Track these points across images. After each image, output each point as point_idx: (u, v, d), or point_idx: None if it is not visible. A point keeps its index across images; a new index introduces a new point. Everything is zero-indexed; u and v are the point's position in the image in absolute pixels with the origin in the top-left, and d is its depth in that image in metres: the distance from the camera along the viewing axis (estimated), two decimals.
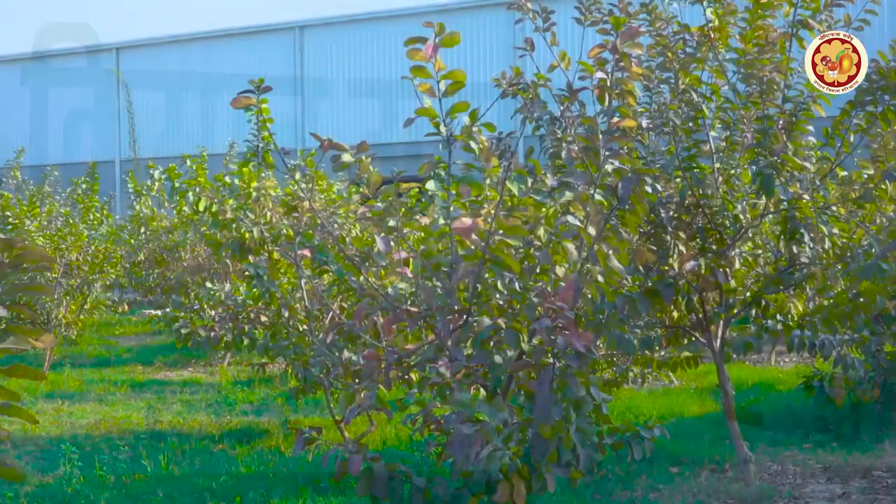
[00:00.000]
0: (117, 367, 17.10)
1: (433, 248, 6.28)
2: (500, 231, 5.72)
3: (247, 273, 10.71)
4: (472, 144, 6.03)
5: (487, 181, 6.16)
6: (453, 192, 6.08)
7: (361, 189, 6.59)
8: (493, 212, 5.80)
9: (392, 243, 6.36)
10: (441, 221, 6.10)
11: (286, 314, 10.24)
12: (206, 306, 12.71)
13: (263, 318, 10.93)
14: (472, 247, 5.81)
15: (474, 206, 6.28)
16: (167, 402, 13.45)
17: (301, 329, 10.02)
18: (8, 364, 3.65)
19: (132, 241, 20.03)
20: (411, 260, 6.39)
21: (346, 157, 6.31)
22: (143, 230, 19.69)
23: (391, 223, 6.35)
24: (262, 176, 12.17)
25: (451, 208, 6.00)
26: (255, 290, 10.75)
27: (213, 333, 11.80)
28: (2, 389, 3.57)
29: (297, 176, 9.68)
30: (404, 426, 8.31)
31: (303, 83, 41.83)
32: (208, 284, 12.98)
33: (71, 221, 18.46)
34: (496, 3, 36.18)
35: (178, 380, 15.68)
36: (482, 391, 6.06)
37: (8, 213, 18.50)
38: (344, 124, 38.97)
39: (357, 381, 7.17)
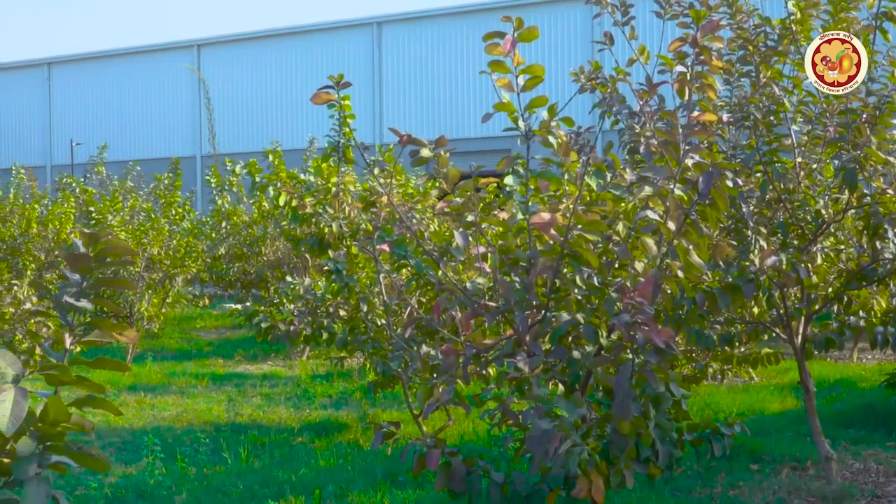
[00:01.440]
0: (198, 361, 17.31)
1: (512, 243, 6.26)
2: (579, 226, 5.69)
3: (326, 268, 10.80)
4: (551, 139, 6.01)
5: (566, 176, 6.13)
6: (532, 187, 6.06)
7: (439, 184, 6.60)
8: (571, 207, 5.77)
9: (470, 238, 6.34)
10: (519, 216, 6.07)
11: (365, 308, 10.30)
12: (285, 300, 12.81)
13: (342, 313, 11.00)
14: (551, 242, 5.79)
15: (553, 201, 6.25)
16: (247, 395, 13.59)
17: (379, 323, 10.07)
18: (92, 357, 3.71)
19: (213, 235, 20.25)
20: (489, 255, 6.38)
21: (425, 152, 6.33)
22: (224, 225, 19.89)
23: (469, 218, 6.35)
24: (342, 171, 12.23)
25: (530, 203, 5.98)
26: (333, 284, 10.82)
27: (292, 327, 11.92)
28: (87, 382, 3.63)
29: (376, 171, 9.72)
30: (482, 421, 8.33)
31: (381, 78, 42.08)
32: (288, 279, 13.09)
33: (153, 216, 18.73)
34: None
35: (257, 373, 15.84)
36: (560, 386, 6.03)
37: (91, 209, 18.84)
38: (421, 119, 39.05)
39: (435, 375, 7.19)
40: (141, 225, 18.33)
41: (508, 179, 6.22)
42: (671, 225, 5.68)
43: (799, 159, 7.78)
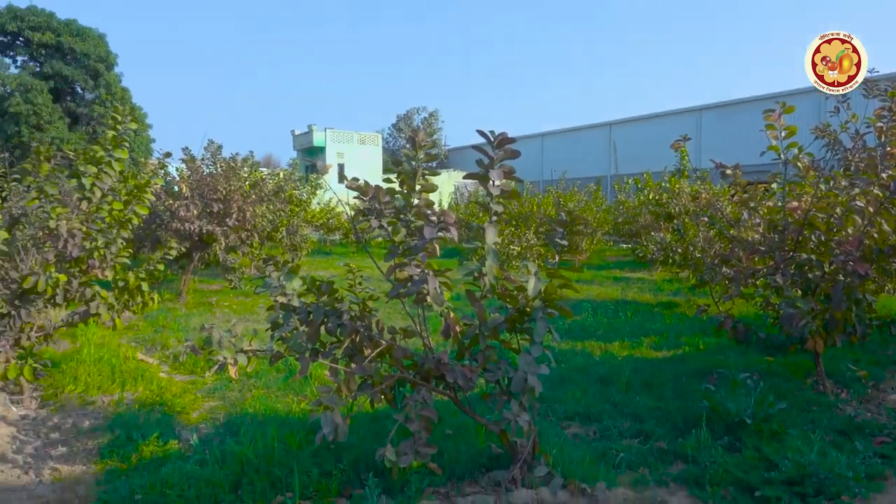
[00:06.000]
0: (606, 270, 17.05)
1: (775, 217, 5.65)
2: (813, 209, 5.05)
3: (672, 228, 10.31)
4: (799, 164, 5.39)
5: (805, 183, 5.45)
6: (786, 188, 5.46)
7: (734, 187, 6.07)
8: (809, 199, 5.12)
9: (751, 214, 5.83)
10: (780, 204, 5.50)
11: (691, 248, 9.73)
12: (650, 243, 12.36)
13: (679, 250, 10.46)
14: (797, 217, 5.17)
15: (798, 195, 5.57)
16: (630, 287, 13.24)
17: (698, 255, 9.48)
18: (564, 266, 3.78)
19: (615, 213, 19.81)
20: (761, 223, 5.81)
21: (728, 172, 5.85)
22: (620, 208, 19.39)
23: (751, 204, 5.82)
24: (681, 181, 11.57)
25: (785, 197, 5.40)
26: (675, 236, 10.31)
27: (652, 256, 11.45)
28: (563, 276, 3.71)
29: (699, 181, 9.13)
30: (753, 307, 7.60)
31: (700, 129, 38.84)
32: (652, 233, 12.62)
33: (589, 203, 18.67)
34: (808, 90, 31.79)
35: (634, 277, 15.35)
36: (799, 292, 5.39)
37: (560, 199, 19.03)
38: (724, 152, 35.77)
39: (728, 282, 6.64)
40: (581, 208, 18.34)
41: (773, 185, 5.64)
42: (871, 209, 4.90)
43: None
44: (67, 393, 5.64)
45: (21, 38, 33.14)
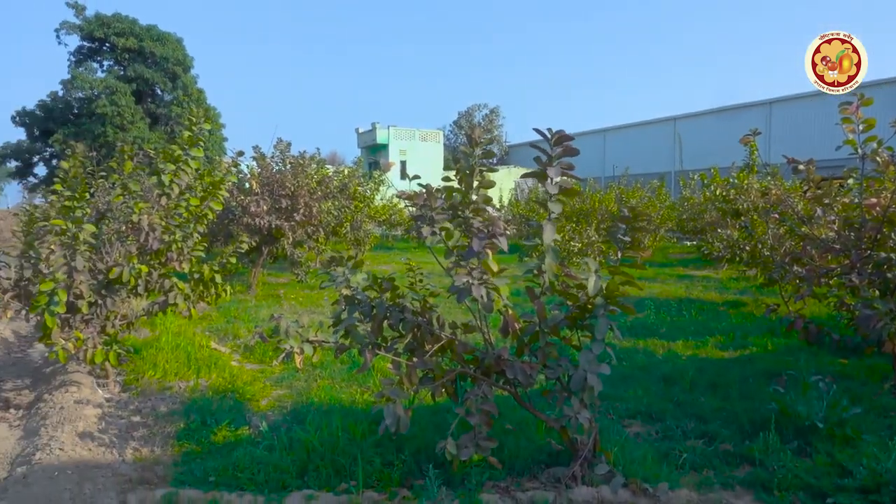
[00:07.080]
0: (670, 268, 16.56)
1: (851, 214, 5.36)
2: (893, 206, 4.76)
3: (739, 225, 9.94)
4: (878, 159, 5.08)
5: (885, 178, 5.14)
6: (863, 184, 5.16)
7: (805, 183, 5.79)
8: (889, 195, 4.83)
9: (825, 211, 5.54)
10: (856, 200, 5.21)
11: (759, 246, 9.35)
12: (716, 240, 11.96)
13: (747, 248, 10.06)
14: (875, 213, 4.89)
15: (877, 191, 5.26)
16: (694, 285, 12.82)
17: (767, 253, 9.10)
18: (626, 262, 3.70)
19: (679, 209, 19.23)
20: (836, 220, 5.52)
21: (801, 167, 5.58)
22: (686, 205, 18.79)
23: (826, 201, 5.53)
24: (750, 177, 11.12)
25: (862, 193, 5.11)
26: (743, 233, 9.94)
27: (718, 254, 11.07)
28: (625, 274, 3.63)
29: (769, 177, 8.74)
30: (825, 308, 7.23)
31: (770, 125, 37.12)
32: (718, 230, 12.19)
33: (650, 199, 18.20)
34: (887, 81, 29.98)
35: (699, 275, 14.85)
36: (877, 292, 5.09)
37: (622, 196, 18.59)
38: (797, 148, 34.08)
39: (799, 282, 6.35)
40: (644, 204, 17.87)
41: (849, 181, 5.35)
42: None
43: None
44: (147, 378, 5.94)
45: (107, 44, 34.91)
